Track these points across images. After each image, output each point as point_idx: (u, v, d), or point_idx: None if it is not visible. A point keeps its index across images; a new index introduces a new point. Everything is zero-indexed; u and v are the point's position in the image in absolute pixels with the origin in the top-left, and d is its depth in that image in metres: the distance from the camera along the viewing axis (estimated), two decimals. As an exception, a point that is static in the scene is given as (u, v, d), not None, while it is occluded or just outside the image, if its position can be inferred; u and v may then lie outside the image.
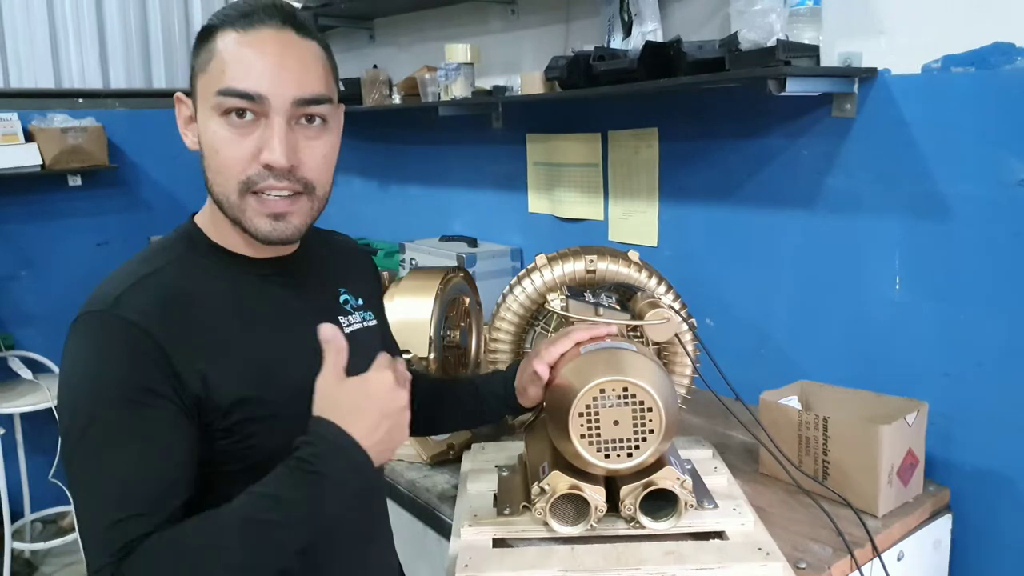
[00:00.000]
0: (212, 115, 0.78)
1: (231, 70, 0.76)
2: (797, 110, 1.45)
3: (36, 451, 2.63)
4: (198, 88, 0.80)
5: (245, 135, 0.77)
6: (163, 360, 0.74)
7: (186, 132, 0.84)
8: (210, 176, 0.80)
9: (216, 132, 0.77)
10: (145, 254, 0.84)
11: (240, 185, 0.78)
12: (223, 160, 0.78)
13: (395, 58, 2.45)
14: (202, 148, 0.81)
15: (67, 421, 0.74)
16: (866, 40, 1.33)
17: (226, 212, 0.81)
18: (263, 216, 0.79)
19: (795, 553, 1.03)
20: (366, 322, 0.97)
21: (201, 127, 0.80)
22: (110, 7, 2.86)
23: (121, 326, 0.74)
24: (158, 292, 0.77)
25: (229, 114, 0.77)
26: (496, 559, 0.98)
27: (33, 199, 2.69)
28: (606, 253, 1.22)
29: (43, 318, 2.72)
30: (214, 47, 0.78)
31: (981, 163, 1.23)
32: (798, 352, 1.53)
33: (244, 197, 0.79)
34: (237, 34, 0.77)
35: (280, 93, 0.77)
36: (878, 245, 1.38)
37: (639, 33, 1.59)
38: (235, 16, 0.78)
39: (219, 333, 0.79)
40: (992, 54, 1.19)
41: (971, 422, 1.28)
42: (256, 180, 0.78)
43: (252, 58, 0.77)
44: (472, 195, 2.31)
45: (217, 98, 0.77)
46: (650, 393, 0.92)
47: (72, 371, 0.75)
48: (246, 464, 0.80)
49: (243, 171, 0.78)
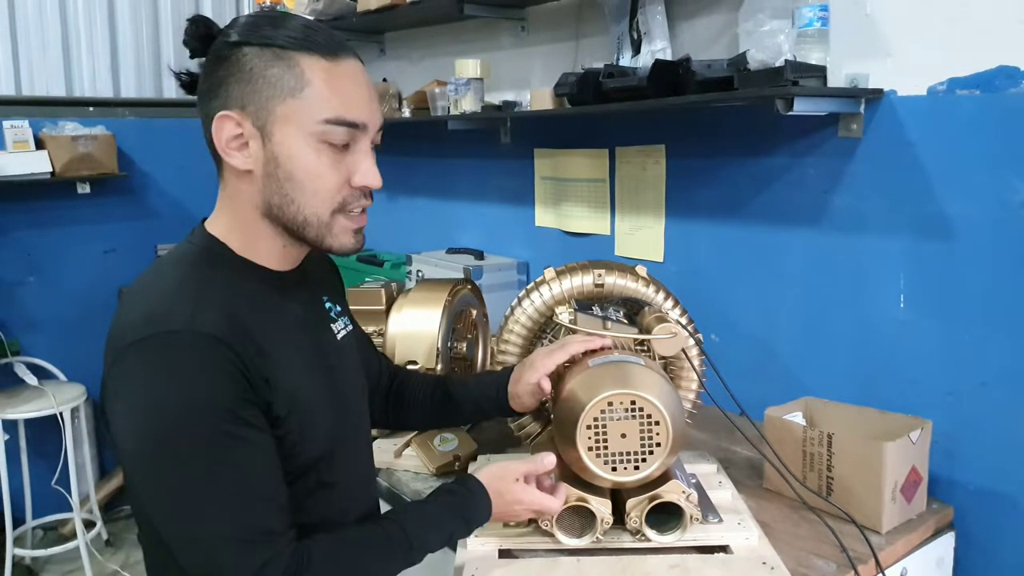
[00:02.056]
0: (309, 141, 0.79)
1: (338, 100, 0.79)
2: (804, 130, 1.47)
3: (39, 457, 2.64)
4: (277, 112, 0.78)
5: (340, 161, 0.81)
6: (245, 372, 0.75)
7: (231, 151, 0.80)
8: (299, 199, 0.80)
9: (317, 159, 0.80)
10: (171, 269, 0.82)
11: (335, 206, 0.82)
12: (323, 185, 0.80)
13: (405, 72, 2.48)
14: (284, 172, 0.80)
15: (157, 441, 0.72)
16: (873, 61, 1.35)
17: (307, 232, 0.82)
18: (350, 232, 0.84)
19: (799, 568, 1.03)
20: (347, 327, 1.00)
21: (288, 152, 0.79)
22: (122, 16, 2.90)
23: (207, 342, 0.73)
24: (218, 307, 0.77)
25: (327, 142, 0.79)
26: (502, 570, 0.98)
27: (42, 206, 2.72)
28: (614, 267, 1.23)
29: (49, 324, 2.74)
30: (302, 73, 0.78)
31: (985, 184, 1.24)
32: (803, 368, 1.54)
33: (335, 217, 0.83)
34: (328, 63, 0.79)
35: (374, 122, 0.83)
36: (883, 264, 1.39)
37: (648, 51, 1.61)
38: (315, 43, 0.79)
39: (267, 344, 0.80)
40: (997, 77, 1.21)
41: (975, 441, 1.29)
42: (350, 201, 0.83)
43: (351, 89, 0.80)
44: (479, 208, 2.33)
45: (323, 127, 0.79)
46: (658, 407, 0.93)
47: (156, 394, 0.73)
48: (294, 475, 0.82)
49: (339, 193, 0.82)
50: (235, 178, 0.83)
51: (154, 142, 2.92)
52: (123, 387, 0.75)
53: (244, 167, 0.81)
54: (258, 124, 0.79)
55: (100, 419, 2.85)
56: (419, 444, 1.33)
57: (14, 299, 2.69)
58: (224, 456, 0.73)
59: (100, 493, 2.79)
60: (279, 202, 0.81)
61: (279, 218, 0.82)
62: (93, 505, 2.67)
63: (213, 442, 0.73)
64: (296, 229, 0.82)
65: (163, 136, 2.93)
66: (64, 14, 2.78)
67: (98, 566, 2.56)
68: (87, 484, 2.70)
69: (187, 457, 0.72)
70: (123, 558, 2.69)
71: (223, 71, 0.79)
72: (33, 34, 2.72)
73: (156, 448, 0.73)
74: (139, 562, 2.64)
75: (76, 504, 2.51)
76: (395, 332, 1.44)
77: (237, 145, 0.80)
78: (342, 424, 0.90)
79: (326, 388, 0.87)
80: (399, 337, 1.43)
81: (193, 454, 0.72)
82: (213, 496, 0.73)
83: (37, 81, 2.75)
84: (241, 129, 0.80)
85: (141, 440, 0.74)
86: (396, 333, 1.44)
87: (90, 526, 2.64)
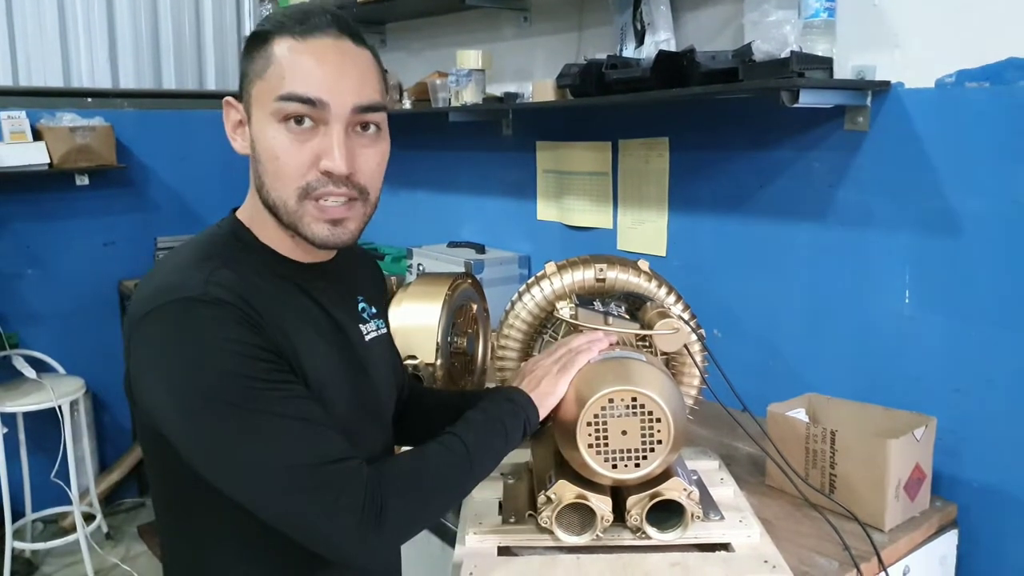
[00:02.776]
0: (270, 121, 0.78)
1: (291, 76, 0.77)
2: (809, 122, 1.45)
3: (38, 450, 2.63)
4: (253, 93, 0.80)
5: (304, 142, 0.78)
6: (265, 332, 0.75)
7: (234, 136, 0.84)
8: (267, 181, 0.80)
9: (275, 139, 0.78)
10: (196, 248, 0.82)
11: (299, 191, 0.79)
12: (282, 166, 0.78)
13: (406, 63, 2.46)
14: (256, 153, 0.81)
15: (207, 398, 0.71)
16: (880, 53, 1.33)
17: (281, 218, 0.81)
18: (321, 222, 0.80)
19: (801, 566, 1.02)
20: (380, 330, 0.98)
21: (257, 133, 0.80)
22: (120, 6, 2.87)
23: (222, 304, 0.73)
24: (235, 281, 0.77)
25: (288, 120, 0.77)
26: (501, 567, 0.97)
27: (40, 198, 2.70)
28: (616, 262, 1.22)
29: (48, 317, 2.73)
30: (271, 53, 0.78)
31: (994, 179, 1.22)
32: (806, 365, 1.53)
33: (302, 203, 0.79)
34: (295, 41, 0.78)
35: (340, 100, 0.78)
36: (888, 259, 1.37)
37: (652, 42, 1.59)
38: (292, 23, 0.79)
39: (285, 325, 0.79)
40: (1006, 69, 1.19)
41: (980, 438, 1.28)
42: (315, 186, 0.79)
43: (312, 65, 0.77)
44: (481, 201, 2.31)
45: (277, 103, 0.77)
46: (659, 403, 0.92)
47: (188, 352, 0.72)
48: None
49: (302, 177, 0.78)
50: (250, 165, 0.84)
51: (153, 133, 2.90)
52: (149, 357, 0.74)
53: (243, 152, 0.84)
54: (247, 109, 0.82)
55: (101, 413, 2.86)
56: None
57: (12, 292, 2.68)
58: (277, 391, 0.73)
59: (100, 486, 2.79)
60: (259, 185, 0.82)
61: (265, 203, 0.82)
62: (93, 498, 2.67)
63: (262, 382, 0.72)
64: (274, 214, 0.81)
65: (162, 127, 2.91)
66: (61, 3, 2.75)
67: (98, 559, 2.56)
68: (87, 477, 2.69)
69: (242, 402, 0.71)
70: (123, 551, 2.69)
71: (240, 62, 0.84)
72: (30, 24, 2.70)
73: (206, 405, 0.71)
74: (140, 555, 2.65)
75: (75, 497, 2.51)
76: (394, 327, 1.42)
77: (240, 131, 0.83)
78: (359, 422, 0.88)
79: (346, 384, 0.86)
80: (398, 332, 1.42)
81: (247, 397, 0.71)
82: (280, 431, 0.72)
83: (35, 72, 2.73)
84: (239, 115, 0.83)
85: (187, 403, 0.72)
86: (395, 328, 1.42)
87: (90, 519, 2.63)
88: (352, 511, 0.73)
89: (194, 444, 0.73)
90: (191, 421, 0.72)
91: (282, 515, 0.74)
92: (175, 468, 0.77)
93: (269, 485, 0.72)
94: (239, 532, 0.81)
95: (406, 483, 0.79)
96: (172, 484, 0.83)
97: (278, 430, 0.72)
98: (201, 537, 0.84)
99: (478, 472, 0.87)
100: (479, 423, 0.89)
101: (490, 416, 0.90)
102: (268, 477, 0.72)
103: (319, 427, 0.75)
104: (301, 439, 0.73)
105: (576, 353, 0.99)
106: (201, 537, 0.84)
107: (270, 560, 0.83)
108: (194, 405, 0.72)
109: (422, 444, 0.86)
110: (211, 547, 0.84)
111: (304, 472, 0.72)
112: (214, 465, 0.74)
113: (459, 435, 0.86)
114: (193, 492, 0.79)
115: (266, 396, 0.72)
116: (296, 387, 0.76)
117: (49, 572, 2.61)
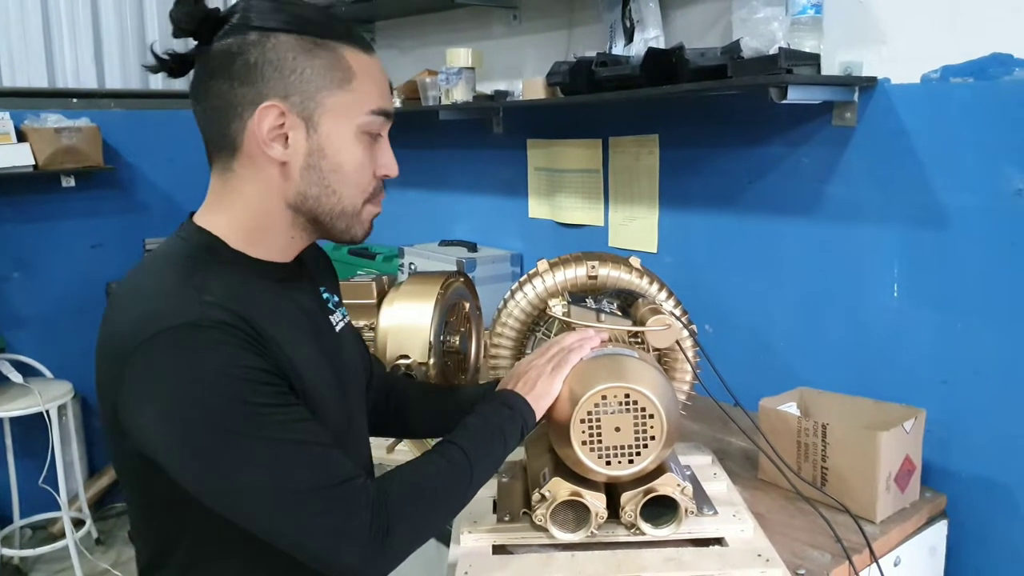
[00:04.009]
0: (355, 132, 0.81)
1: (381, 93, 0.82)
2: (798, 118, 1.46)
3: (26, 456, 2.61)
4: (326, 104, 0.78)
5: (371, 153, 0.84)
6: (264, 353, 0.75)
7: (272, 142, 0.78)
8: (342, 189, 0.81)
9: (361, 152, 0.82)
10: (174, 268, 0.78)
11: (367, 197, 0.85)
12: (365, 175, 0.83)
13: (396, 61, 2.45)
14: (329, 163, 0.80)
15: (212, 429, 0.70)
16: (866, 49, 1.34)
17: (336, 222, 0.83)
18: (370, 220, 0.87)
19: (794, 559, 1.03)
20: (345, 318, 0.98)
21: (333, 142, 0.79)
22: (105, 5, 2.84)
23: (223, 327, 0.72)
24: (224, 302, 0.74)
25: (368, 134, 0.82)
26: (496, 566, 0.97)
27: (26, 200, 2.67)
28: (608, 259, 1.22)
29: (35, 321, 2.70)
30: (346, 63, 0.79)
31: (979, 173, 1.24)
32: (797, 359, 1.54)
33: (365, 206, 0.85)
34: (366, 56, 0.81)
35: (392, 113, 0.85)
36: (877, 253, 1.38)
37: (641, 39, 1.60)
38: (353, 35, 0.81)
39: (277, 335, 0.78)
40: (991, 65, 1.20)
41: (968, 429, 1.29)
42: (376, 192, 0.86)
43: (384, 81, 0.84)
44: (472, 200, 2.31)
45: (369, 118, 0.81)
46: (652, 400, 0.92)
47: (189, 383, 0.70)
48: None
49: (371, 183, 0.85)
50: (253, 169, 0.79)
51: (141, 134, 2.88)
52: (148, 391, 0.71)
53: (283, 159, 0.78)
54: (304, 115, 0.78)
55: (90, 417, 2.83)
56: (411, 439, 1.32)
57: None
58: (281, 416, 0.73)
59: (89, 491, 2.77)
60: (317, 193, 0.81)
61: (312, 209, 0.81)
62: (83, 503, 2.65)
63: (266, 407, 0.72)
64: (328, 220, 0.83)
65: (150, 128, 2.89)
66: (45, 2, 2.72)
67: (88, 565, 2.54)
68: (76, 482, 2.67)
69: (248, 431, 0.71)
70: (114, 556, 2.67)
71: (254, 58, 0.76)
72: (13, 23, 2.67)
73: (212, 435, 0.70)
74: (130, 560, 2.62)
75: (64, 503, 2.49)
76: (386, 326, 1.42)
77: (277, 136, 0.78)
78: (344, 415, 0.89)
79: (331, 377, 0.86)
80: (391, 331, 1.42)
81: (253, 425, 0.71)
82: (286, 457, 0.72)
83: (18, 72, 2.70)
84: (284, 119, 0.77)
85: (192, 435, 0.70)
86: (387, 327, 1.42)
87: (80, 524, 2.61)
88: (360, 532, 0.74)
89: (201, 473, 0.72)
90: (197, 452, 0.71)
91: (292, 541, 0.74)
92: (163, 499, 0.77)
93: (278, 512, 0.73)
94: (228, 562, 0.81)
95: (411, 499, 0.80)
96: (158, 513, 0.81)
97: (284, 456, 0.72)
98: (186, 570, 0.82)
99: (478, 481, 0.87)
100: (478, 432, 0.89)
101: (489, 423, 0.90)
102: (277, 504, 0.72)
103: (322, 448, 0.75)
104: (307, 464, 0.73)
105: (569, 351, 0.99)
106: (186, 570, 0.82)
107: None
108: (199, 436, 0.70)
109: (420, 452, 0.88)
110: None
111: (311, 497, 0.72)
112: (222, 494, 0.73)
113: (459, 445, 0.86)
114: (179, 522, 0.79)
115: (271, 422, 0.72)
116: (298, 409, 0.75)
117: (38, 578, 2.59)
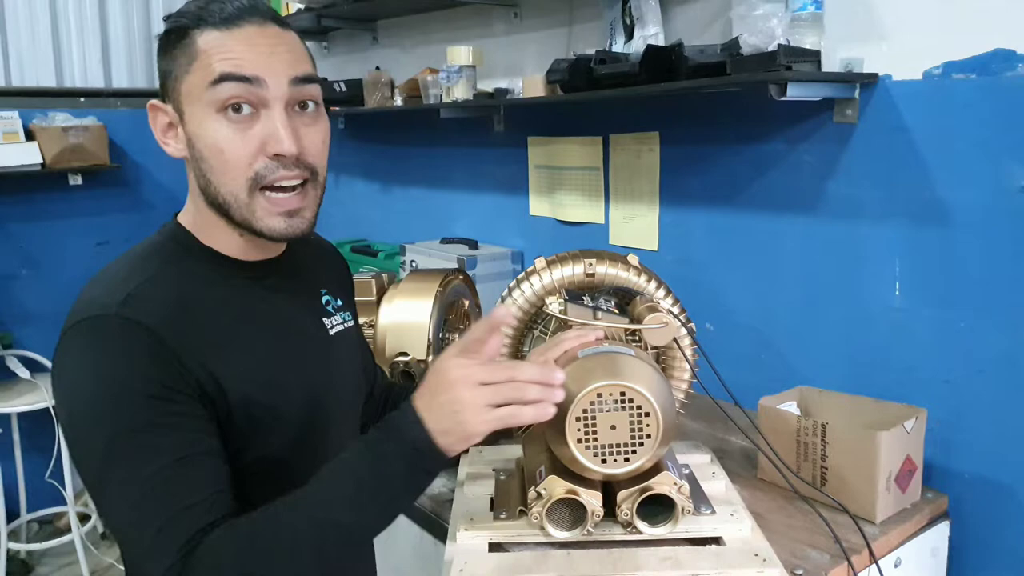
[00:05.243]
0: (208, 114, 0.75)
1: (222, 60, 0.74)
2: (799, 115, 1.45)
3: (33, 451, 2.63)
4: (182, 92, 0.77)
5: (246, 130, 0.76)
6: (177, 360, 0.73)
7: (166, 140, 0.81)
8: (213, 179, 0.77)
9: (217, 131, 0.75)
10: (133, 258, 0.81)
11: (249, 182, 0.76)
12: (229, 158, 0.75)
13: (398, 60, 2.45)
14: (196, 151, 0.78)
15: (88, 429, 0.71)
16: (867, 46, 1.33)
17: (233, 215, 0.78)
18: (276, 215, 0.78)
19: (792, 559, 1.02)
20: (346, 323, 0.96)
21: (195, 129, 0.77)
22: (113, 6, 2.86)
23: (133, 328, 0.72)
24: (161, 296, 0.75)
25: (226, 110, 0.75)
26: (492, 563, 0.97)
27: (34, 198, 2.70)
28: (605, 257, 1.22)
29: (42, 318, 2.72)
30: (194, 48, 0.76)
31: (981, 169, 1.22)
32: (797, 357, 1.53)
33: (254, 196, 0.77)
34: (220, 32, 0.75)
35: (275, 75, 0.75)
36: (878, 251, 1.37)
37: (641, 37, 1.59)
38: (210, 15, 0.76)
39: (222, 336, 0.78)
40: (993, 61, 1.19)
41: (970, 429, 1.28)
42: (265, 173, 0.76)
43: (243, 48, 0.75)
44: (473, 197, 2.31)
45: (212, 90, 0.74)
46: (647, 398, 0.92)
47: (82, 377, 0.72)
48: (258, 467, 0.80)
49: (249, 167, 0.76)
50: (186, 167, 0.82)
51: (147, 133, 2.75)
52: (56, 372, 0.74)
53: (178, 155, 0.80)
54: (177, 109, 0.79)
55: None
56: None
57: (6, 292, 2.68)
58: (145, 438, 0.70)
59: (96, 486, 2.79)
60: (204, 185, 0.79)
61: (212, 202, 0.80)
62: (88, 498, 2.67)
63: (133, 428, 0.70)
64: (226, 212, 0.78)
65: (156, 127, 2.91)
66: (54, 3, 2.74)
67: (94, 559, 2.56)
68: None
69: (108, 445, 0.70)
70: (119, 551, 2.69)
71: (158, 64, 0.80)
72: (22, 24, 2.69)
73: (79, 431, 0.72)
74: (136, 555, 2.65)
75: (70, 498, 2.51)
76: (386, 323, 1.43)
77: (171, 134, 0.80)
78: (305, 422, 0.86)
79: (298, 380, 0.84)
80: (390, 328, 1.42)
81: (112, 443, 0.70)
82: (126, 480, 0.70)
83: (27, 72, 2.73)
84: (168, 117, 0.80)
85: (71, 421, 0.73)
86: (387, 324, 1.43)
87: (85, 519, 2.63)
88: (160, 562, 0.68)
89: (75, 459, 0.74)
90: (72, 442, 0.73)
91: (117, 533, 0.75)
92: None
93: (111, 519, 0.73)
94: None
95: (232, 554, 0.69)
96: None
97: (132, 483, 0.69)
98: None
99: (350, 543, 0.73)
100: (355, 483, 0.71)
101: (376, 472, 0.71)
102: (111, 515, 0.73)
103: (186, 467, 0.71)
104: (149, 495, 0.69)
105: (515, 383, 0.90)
106: None
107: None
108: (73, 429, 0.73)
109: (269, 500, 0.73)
110: None
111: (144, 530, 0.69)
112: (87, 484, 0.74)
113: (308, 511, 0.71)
114: None
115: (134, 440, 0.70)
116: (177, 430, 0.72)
117: (45, 573, 2.61)
